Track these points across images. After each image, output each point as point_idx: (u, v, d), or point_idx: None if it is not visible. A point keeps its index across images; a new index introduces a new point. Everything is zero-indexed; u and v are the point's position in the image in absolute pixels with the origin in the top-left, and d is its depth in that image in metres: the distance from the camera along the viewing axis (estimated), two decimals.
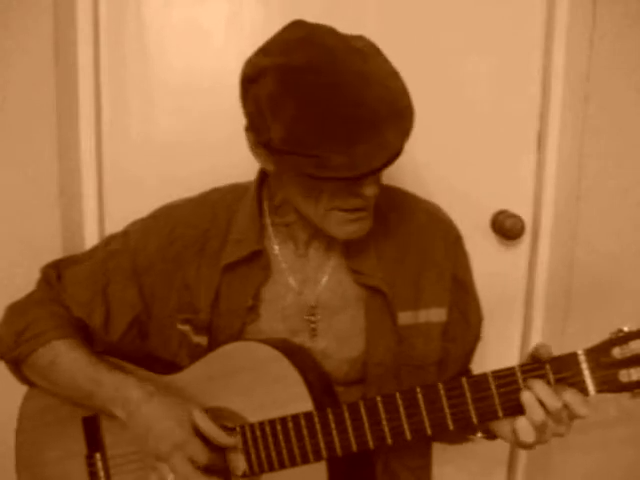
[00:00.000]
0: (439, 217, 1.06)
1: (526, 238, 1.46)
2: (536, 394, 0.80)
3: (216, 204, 1.04)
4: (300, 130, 0.81)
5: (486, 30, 1.37)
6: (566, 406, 0.80)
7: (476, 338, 1.09)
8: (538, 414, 0.80)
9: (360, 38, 0.87)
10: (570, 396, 0.80)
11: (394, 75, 0.86)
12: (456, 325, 1.03)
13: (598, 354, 0.80)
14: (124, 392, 0.94)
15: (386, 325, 0.98)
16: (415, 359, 1.00)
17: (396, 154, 0.83)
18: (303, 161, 0.82)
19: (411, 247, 1.02)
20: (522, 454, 1.53)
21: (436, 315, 1.01)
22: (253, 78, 0.85)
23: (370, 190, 0.86)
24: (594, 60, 1.38)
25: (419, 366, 1.00)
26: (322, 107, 0.80)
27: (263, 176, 1.03)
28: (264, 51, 0.87)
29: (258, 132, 0.87)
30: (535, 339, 1.47)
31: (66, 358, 0.98)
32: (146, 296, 1.03)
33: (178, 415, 0.91)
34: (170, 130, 1.35)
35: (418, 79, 1.35)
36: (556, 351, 0.83)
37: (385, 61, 0.87)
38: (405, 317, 0.99)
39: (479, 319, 1.09)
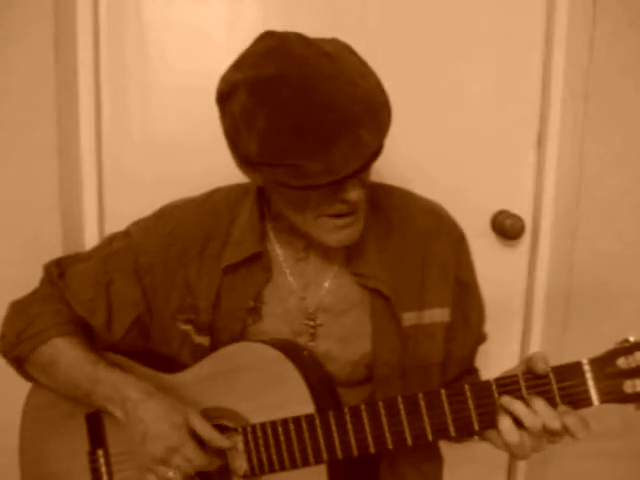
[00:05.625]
0: (442, 217, 1.05)
1: (526, 238, 1.46)
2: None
3: (218, 205, 1.04)
4: (273, 141, 0.80)
5: (486, 30, 1.37)
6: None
7: (477, 340, 1.09)
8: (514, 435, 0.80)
9: (332, 41, 0.85)
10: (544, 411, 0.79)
11: (366, 73, 0.84)
12: (458, 326, 1.03)
13: (603, 364, 0.79)
14: (122, 392, 0.94)
15: (391, 326, 0.98)
16: (420, 359, 1.00)
17: (373, 154, 0.82)
18: (280, 172, 0.81)
19: (414, 247, 1.01)
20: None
21: (440, 315, 1.01)
22: (227, 94, 0.84)
23: (354, 194, 0.85)
24: (594, 60, 1.38)
25: (424, 366, 1.00)
26: (293, 115, 0.79)
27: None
28: (236, 66, 0.86)
29: (237, 148, 0.86)
30: (535, 339, 1.47)
31: (66, 356, 0.98)
32: (148, 295, 1.03)
33: (174, 418, 0.91)
34: (170, 130, 1.35)
35: (418, 79, 1.36)
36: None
37: (357, 61, 0.85)
38: (409, 318, 0.99)
39: (480, 321, 1.08)
